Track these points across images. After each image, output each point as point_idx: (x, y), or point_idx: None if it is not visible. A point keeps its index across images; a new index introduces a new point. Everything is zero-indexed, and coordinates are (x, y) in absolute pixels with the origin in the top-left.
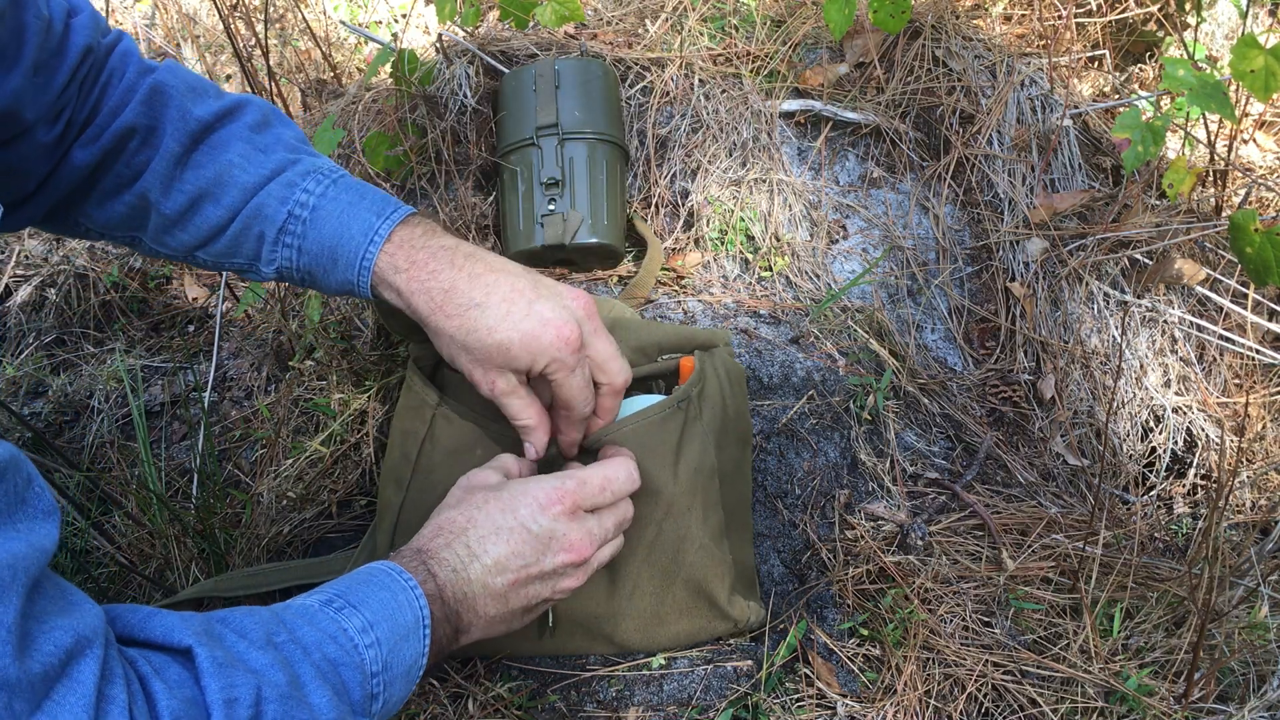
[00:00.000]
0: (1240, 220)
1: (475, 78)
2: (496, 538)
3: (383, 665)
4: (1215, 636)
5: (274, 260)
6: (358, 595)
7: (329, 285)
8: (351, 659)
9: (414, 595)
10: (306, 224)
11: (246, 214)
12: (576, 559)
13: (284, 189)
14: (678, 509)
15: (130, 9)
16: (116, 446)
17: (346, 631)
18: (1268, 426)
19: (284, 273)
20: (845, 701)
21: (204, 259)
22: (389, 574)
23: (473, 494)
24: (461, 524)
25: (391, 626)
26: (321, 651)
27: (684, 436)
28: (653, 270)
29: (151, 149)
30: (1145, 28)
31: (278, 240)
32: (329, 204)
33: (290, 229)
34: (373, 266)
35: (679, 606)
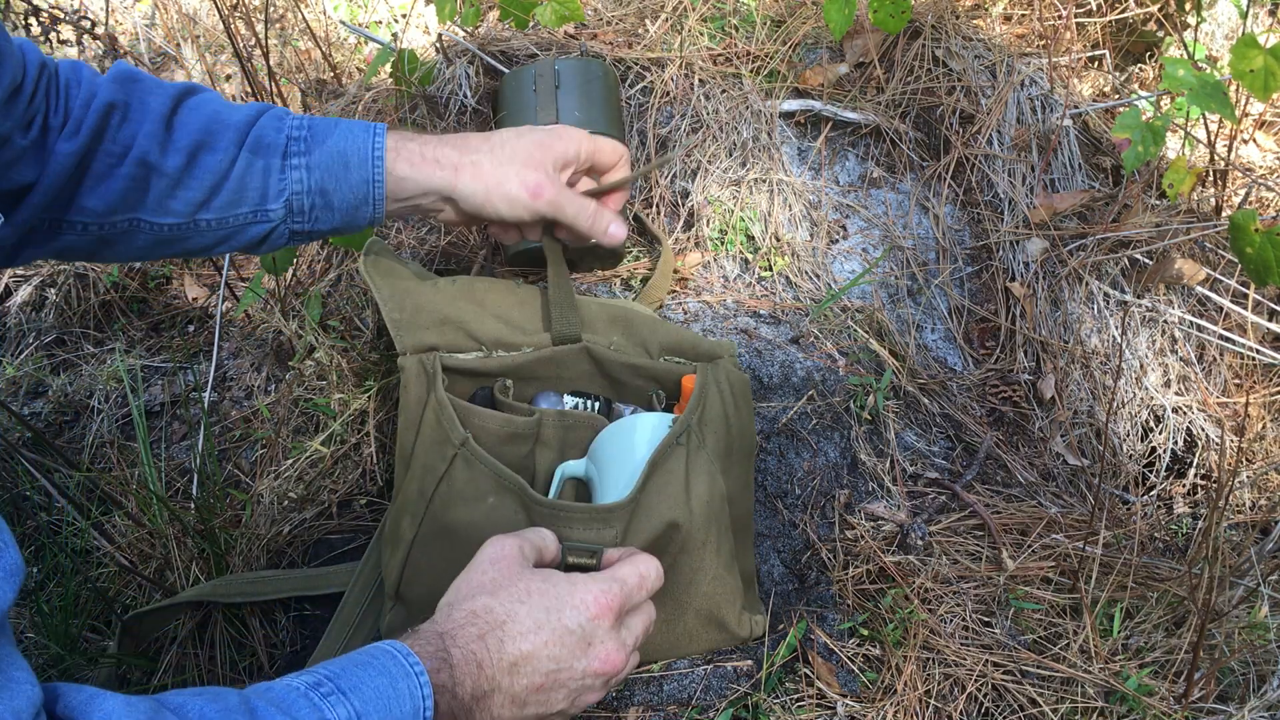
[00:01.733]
0: (1240, 220)
1: (475, 78)
2: (535, 635)
3: None
4: (1215, 636)
5: (284, 189)
6: (350, 680)
7: (343, 195)
8: None
9: (417, 684)
10: (308, 141)
11: (247, 149)
12: (609, 671)
13: (274, 120)
14: (693, 544)
15: (130, 9)
16: (116, 446)
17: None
18: (1268, 426)
19: (295, 202)
20: (845, 701)
21: (209, 220)
22: (392, 657)
23: (514, 579)
24: (500, 617)
25: (383, 718)
26: None
27: (690, 470)
28: (667, 272)
29: (135, 120)
30: (1145, 28)
31: (284, 165)
32: (320, 123)
33: (294, 150)
34: (384, 153)
35: (689, 633)
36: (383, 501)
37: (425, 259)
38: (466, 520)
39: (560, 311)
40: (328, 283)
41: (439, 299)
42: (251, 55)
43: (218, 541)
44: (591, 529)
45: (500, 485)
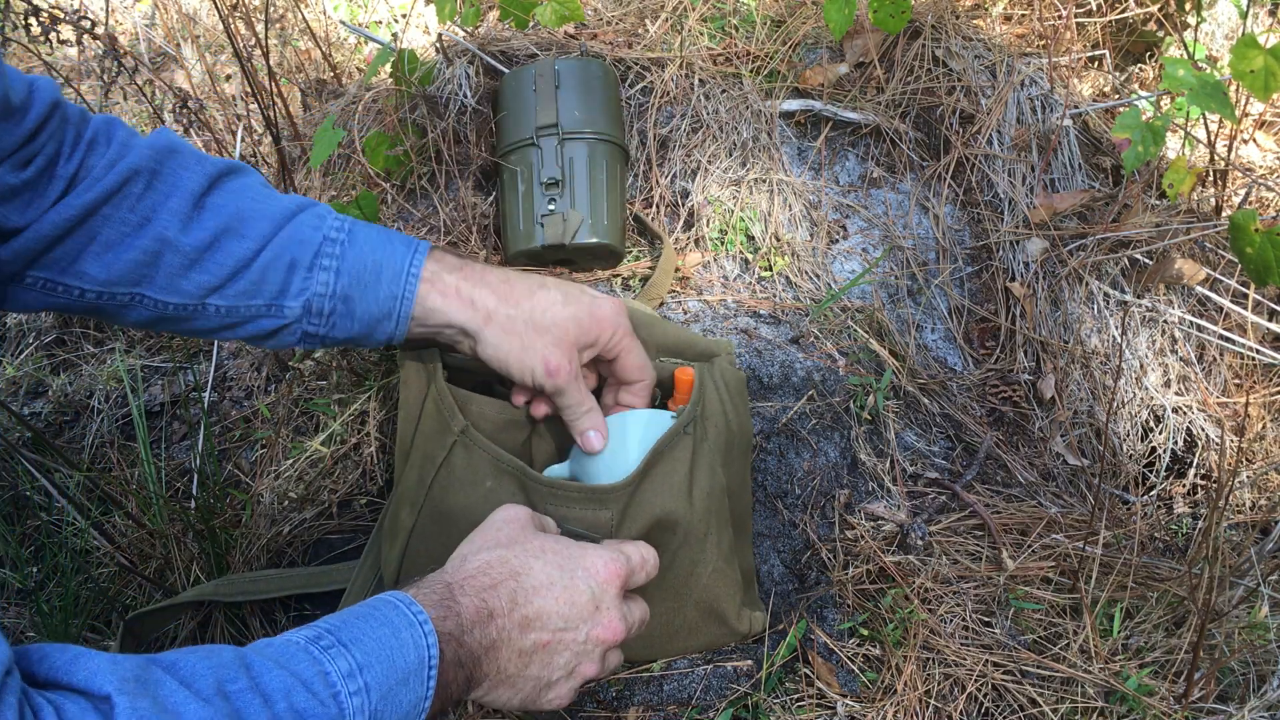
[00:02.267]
0: (1240, 220)
1: (475, 78)
2: (548, 591)
3: (371, 713)
4: (1215, 636)
5: (305, 289)
6: (352, 632)
7: (367, 306)
8: (325, 710)
9: (421, 633)
10: (344, 245)
11: (277, 243)
12: (611, 639)
13: (315, 219)
14: (694, 536)
15: (130, 9)
16: (116, 446)
17: (328, 676)
18: (1268, 426)
19: (315, 304)
20: (845, 701)
21: (219, 306)
22: (395, 607)
23: (528, 538)
24: (515, 567)
25: (387, 669)
26: (288, 701)
27: (694, 461)
28: (668, 271)
29: (162, 193)
30: (1145, 28)
31: (314, 264)
32: (363, 229)
33: (327, 251)
34: (420, 273)
35: (689, 626)
36: (383, 501)
37: None
38: (464, 505)
39: None
40: None
41: None
42: (251, 55)
43: (218, 541)
44: (588, 509)
45: (498, 469)
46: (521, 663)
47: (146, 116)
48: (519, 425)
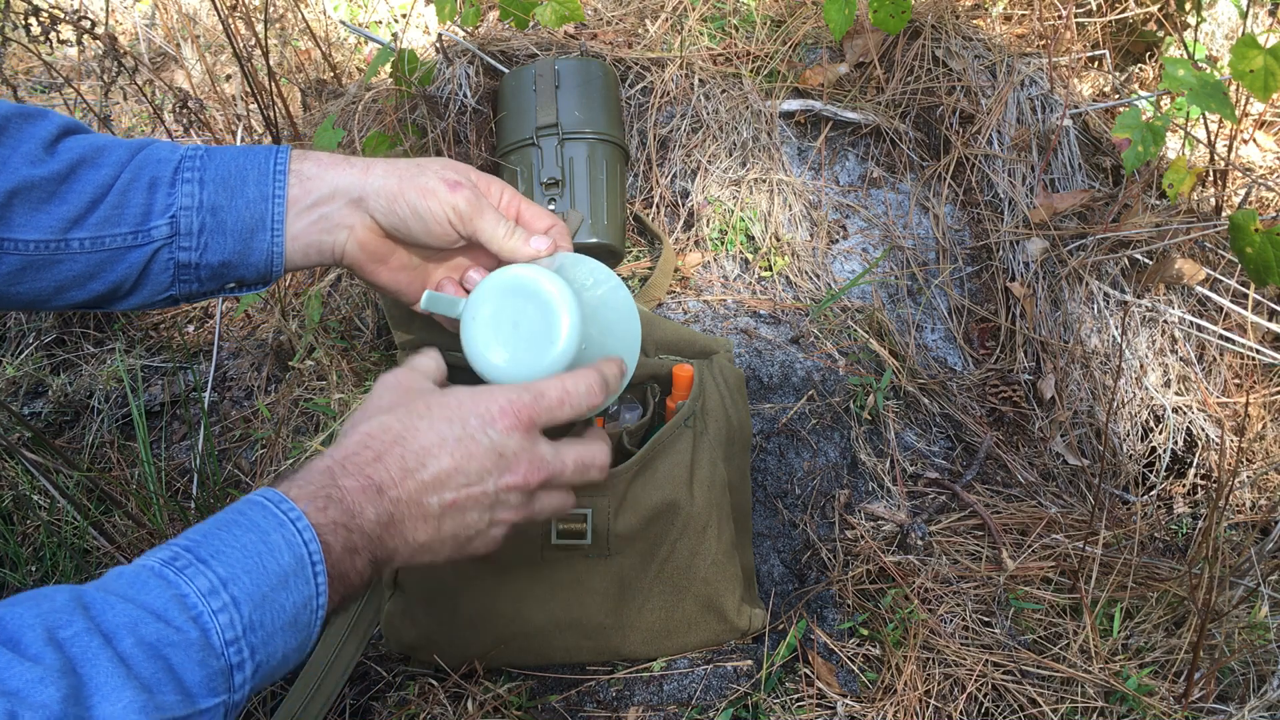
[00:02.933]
0: (1240, 220)
1: (475, 78)
2: (440, 450)
3: (244, 627)
4: (1215, 636)
5: (171, 204)
6: (213, 545)
7: (238, 212)
8: (183, 636)
9: (293, 531)
10: (204, 159)
11: (135, 165)
12: (528, 483)
13: (169, 145)
14: (694, 527)
15: (130, 9)
16: (116, 446)
17: (185, 599)
18: (1268, 426)
19: (182, 219)
20: (845, 701)
21: (82, 240)
22: (261, 508)
23: (412, 398)
24: (398, 431)
25: (257, 578)
26: (135, 635)
27: (695, 454)
28: (667, 270)
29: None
30: (1145, 28)
31: (175, 179)
32: (220, 149)
33: (188, 165)
34: (288, 166)
35: (688, 620)
36: None
37: None
38: None
39: None
40: (328, 283)
41: None
42: (251, 55)
43: None
44: (585, 496)
45: None
46: (432, 528)
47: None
48: None
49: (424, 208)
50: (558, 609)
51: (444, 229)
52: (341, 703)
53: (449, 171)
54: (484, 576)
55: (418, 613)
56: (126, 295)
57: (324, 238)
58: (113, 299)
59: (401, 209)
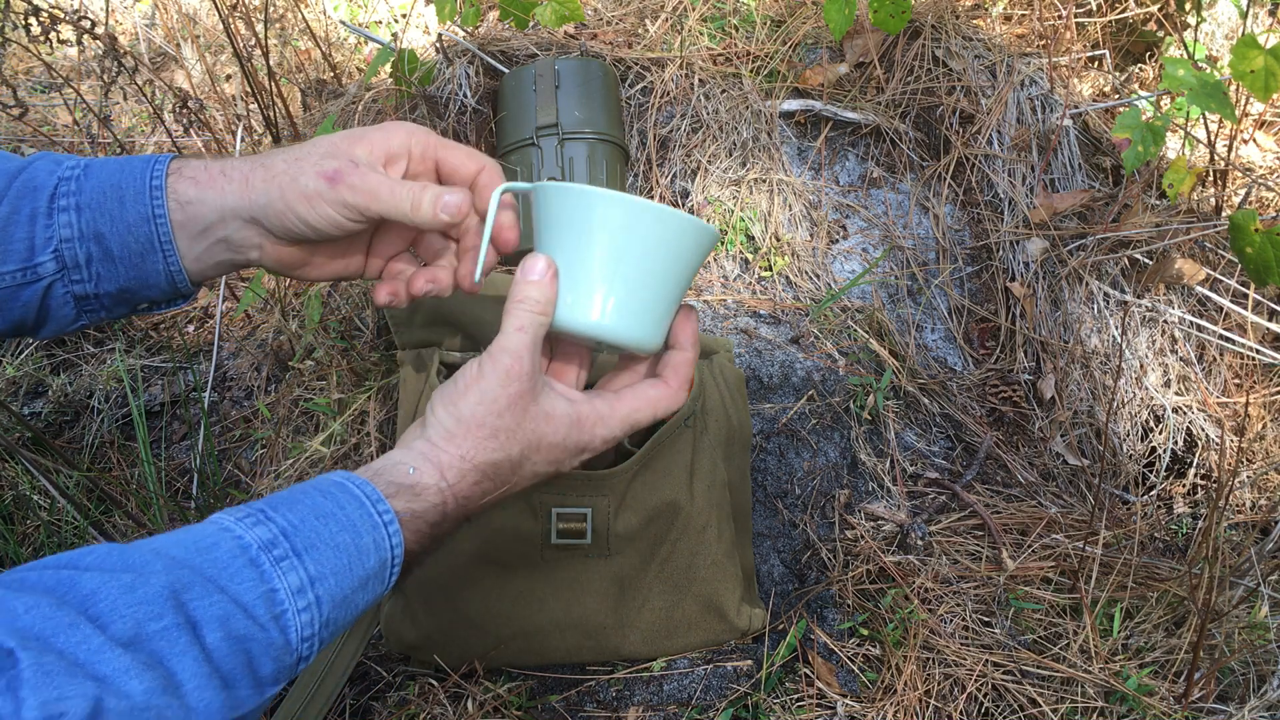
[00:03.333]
0: (1240, 220)
1: (475, 78)
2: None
3: (321, 625)
4: (1215, 636)
5: (51, 236)
6: (308, 535)
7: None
8: (266, 634)
9: (384, 535)
10: (80, 180)
11: (12, 197)
12: None
13: (50, 164)
14: (694, 527)
15: (130, 9)
16: (116, 446)
17: (275, 595)
18: (1268, 426)
19: (66, 252)
20: (845, 701)
21: None
22: (359, 504)
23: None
24: (507, 474)
25: (343, 580)
26: (225, 629)
27: (695, 454)
28: None
29: None
30: (1145, 28)
31: (51, 207)
32: (100, 161)
33: (63, 190)
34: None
35: (688, 620)
36: None
37: None
38: None
39: None
40: (327, 283)
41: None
42: (251, 55)
43: None
44: (585, 496)
45: None
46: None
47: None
48: None
49: (314, 217)
50: (558, 609)
51: (342, 228)
52: (341, 703)
53: (327, 161)
54: (484, 576)
55: (418, 613)
56: (34, 329)
57: (234, 256)
58: (23, 332)
59: (294, 224)
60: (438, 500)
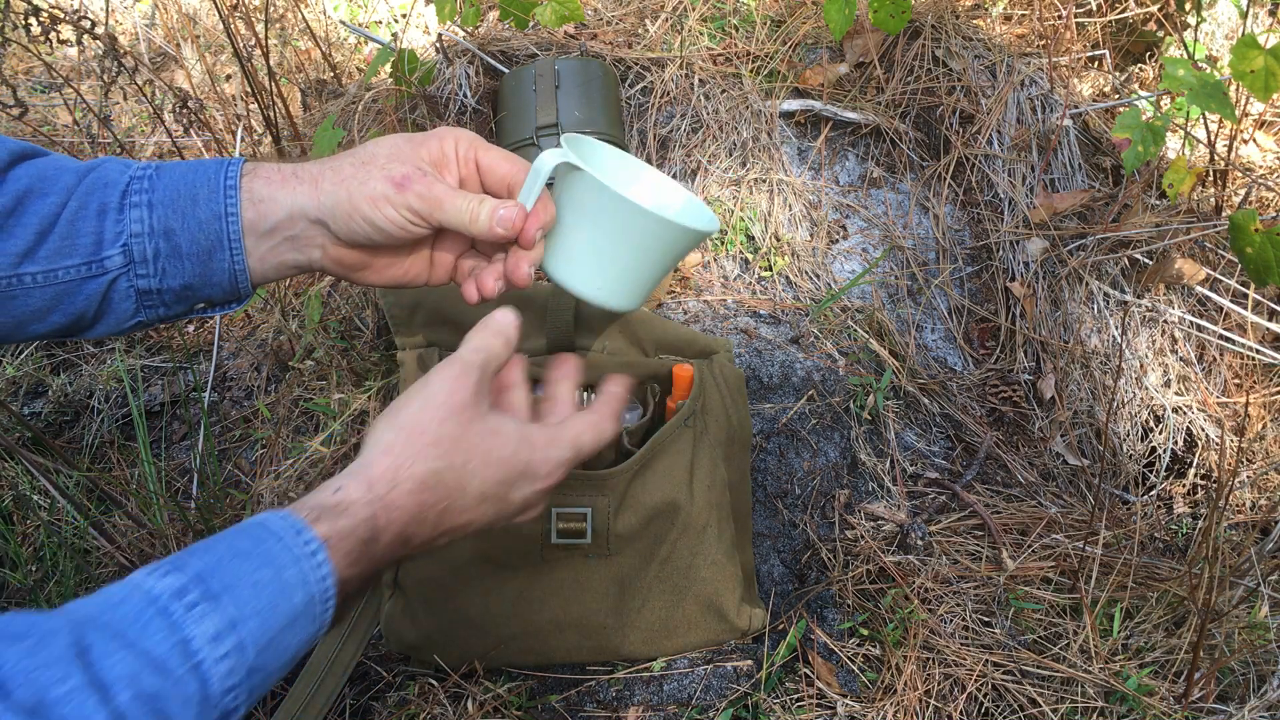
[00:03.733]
0: (1240, 220)
1: (475, 78)
2: (478, 508)
3: (247, 671)
4: (1215, 636)
5: (121, 231)
6: (224, 578)
7: (191, 234)
8: (181, 689)
9: (312, 565)
10: (153, 179)
11: (82, 192)
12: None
13: (120, 164)
14: (694, 527)
15: (130, 9)
16: (116, 446)
17: (188, 644)
18: (1268, 426)
19: (135, 247)
20: (845, 701)
21: (35, 274)
22: (278, 541)
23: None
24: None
25: (267, 620)
26: (135, 689)
27: (695, 454)
28: None
29: None
30: (1145, 28)
31: (123, 204)
32: (172, 164)
33: (135, 188)
34: (239, 181)
35: (688, 620)
36: None
37: None
38: None
39: (555, 317)
40: (327, 283)
41: (438, 296)
42: (251, 55)
43: None
44: (585, 496)
45: None
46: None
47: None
48: None
49: (379, 219)
50: (557, 609)
51: (408, 231)
52: (341, 703)
53: (395, 165)
54: (484, 576)
55: (418, 613)
56: (92, 325)
57: (296, 256)
58: (78, 329)
59: (358, 226)
60: (366, 514)
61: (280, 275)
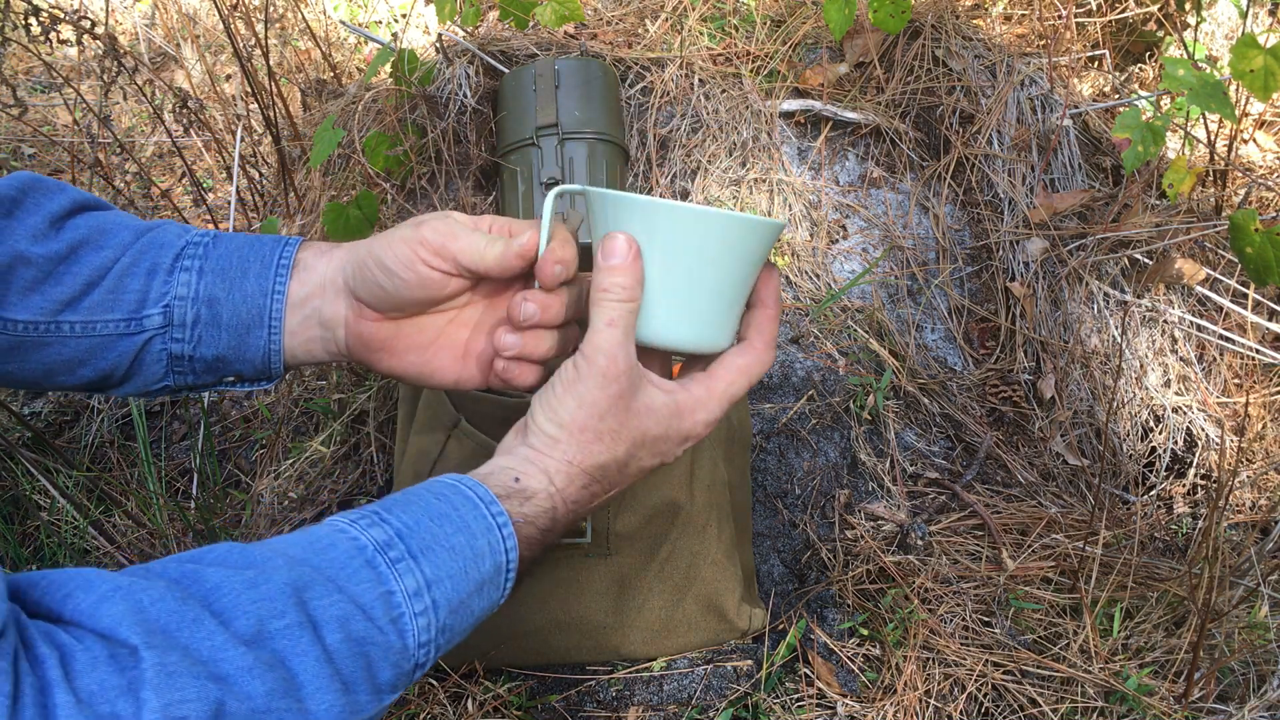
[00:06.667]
0: (1240, 220)
1: (475, 78)
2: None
3: (438, 630)
4: (1215, 636)
5: (166, 293)
6: (423, 537)
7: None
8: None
9: (499, 539)
10: (209, 246)
11: (137, 249)
12: None
13: (179, 228)
14: (694, 526)
15: (130, 9)
16: (116, 446)
17: (392, 597)
18: (1268, 426)
19: (177, 310)
20: (845, 701)
21: (73, 324)
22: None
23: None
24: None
25: (459, 584)
26: (344, 631)
27: (695, 454)
28: None
29: (19, 217)
30: (1145, 28)
31: (175, 266)
32: (230, 235)
33: (190, 253)
34: (294, 257)
35: (688, 620)
36: None
37: None
38: None
39: None
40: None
41: None
42: (251, 55)
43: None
44: None
45: None
46: None
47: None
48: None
49: (390, 256)
50: (557, 608)
51: (420, 272)
52: None
53: (423, 215)
54: None
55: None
56: (120, 383)
57: (322, 333)
58: (105, 385)
59: (370, 269)
60: (547, 505)
61: (311, 361)
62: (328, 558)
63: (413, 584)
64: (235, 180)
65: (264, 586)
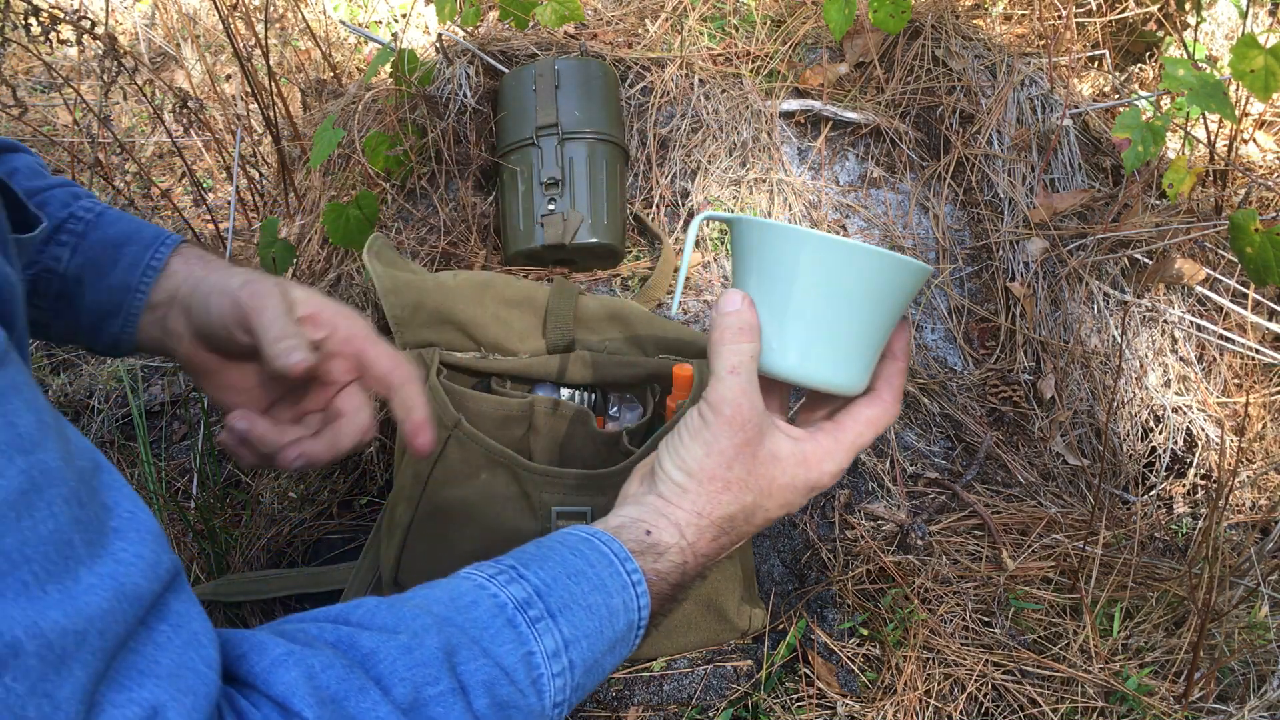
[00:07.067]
0: (1240, 220)
1: (475, 78)
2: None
3: (572, 690)
4: (1215, 636)
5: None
6: (561, 597)
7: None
8: (525, 700)
9: (633, 595)
10: (90, 225)
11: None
12: None
13: (68, 195)
14: None
15: (130, 9)
16: (116, 446)
17: (533, 657)
18: (1268, 426)
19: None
20: (845, 701)
21: None
22: (608, 563)
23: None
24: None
25: (593, 643)
26: (492, 695)
27: None
28: (667, 270)
29: None
30: (1145, 28)
31: (50, 239)
32: (113, 214)
33: (69, 228)
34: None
35: (689, 621)
36: (382, 501)
37: (425, 260)
38: (460, 498)
39: (556, 320)
40: (327, 283)
41: (440, 296)
42: (251, 55)
43: (218, 541)
44: (585, 495)
45: (492, 461)
46: None
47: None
48: (515, 421)
49: (211, 304)
50: None
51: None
52: None
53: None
54: None
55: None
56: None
57: (166, 340)
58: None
59: (199, 312)
60: (679, 560)
61: (159, 351)
62: (470, 617)
63: (551, 644)
64: (235, 180)
65: (418, 652)
